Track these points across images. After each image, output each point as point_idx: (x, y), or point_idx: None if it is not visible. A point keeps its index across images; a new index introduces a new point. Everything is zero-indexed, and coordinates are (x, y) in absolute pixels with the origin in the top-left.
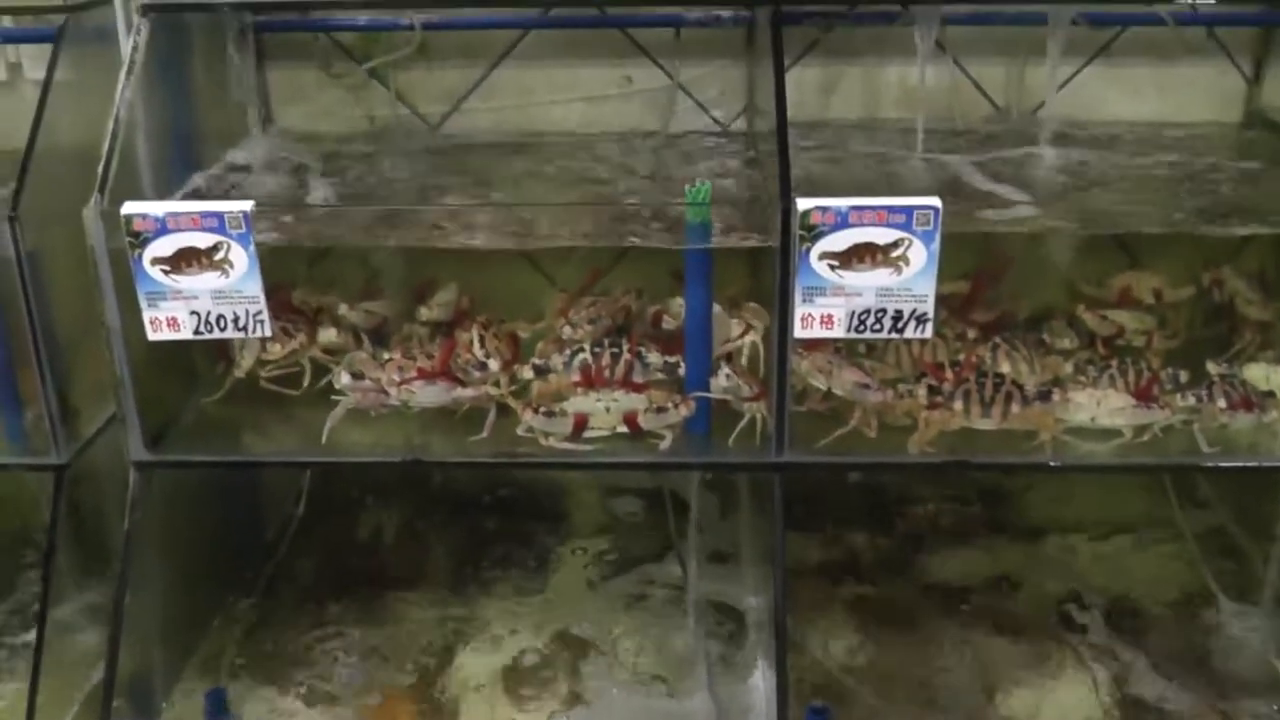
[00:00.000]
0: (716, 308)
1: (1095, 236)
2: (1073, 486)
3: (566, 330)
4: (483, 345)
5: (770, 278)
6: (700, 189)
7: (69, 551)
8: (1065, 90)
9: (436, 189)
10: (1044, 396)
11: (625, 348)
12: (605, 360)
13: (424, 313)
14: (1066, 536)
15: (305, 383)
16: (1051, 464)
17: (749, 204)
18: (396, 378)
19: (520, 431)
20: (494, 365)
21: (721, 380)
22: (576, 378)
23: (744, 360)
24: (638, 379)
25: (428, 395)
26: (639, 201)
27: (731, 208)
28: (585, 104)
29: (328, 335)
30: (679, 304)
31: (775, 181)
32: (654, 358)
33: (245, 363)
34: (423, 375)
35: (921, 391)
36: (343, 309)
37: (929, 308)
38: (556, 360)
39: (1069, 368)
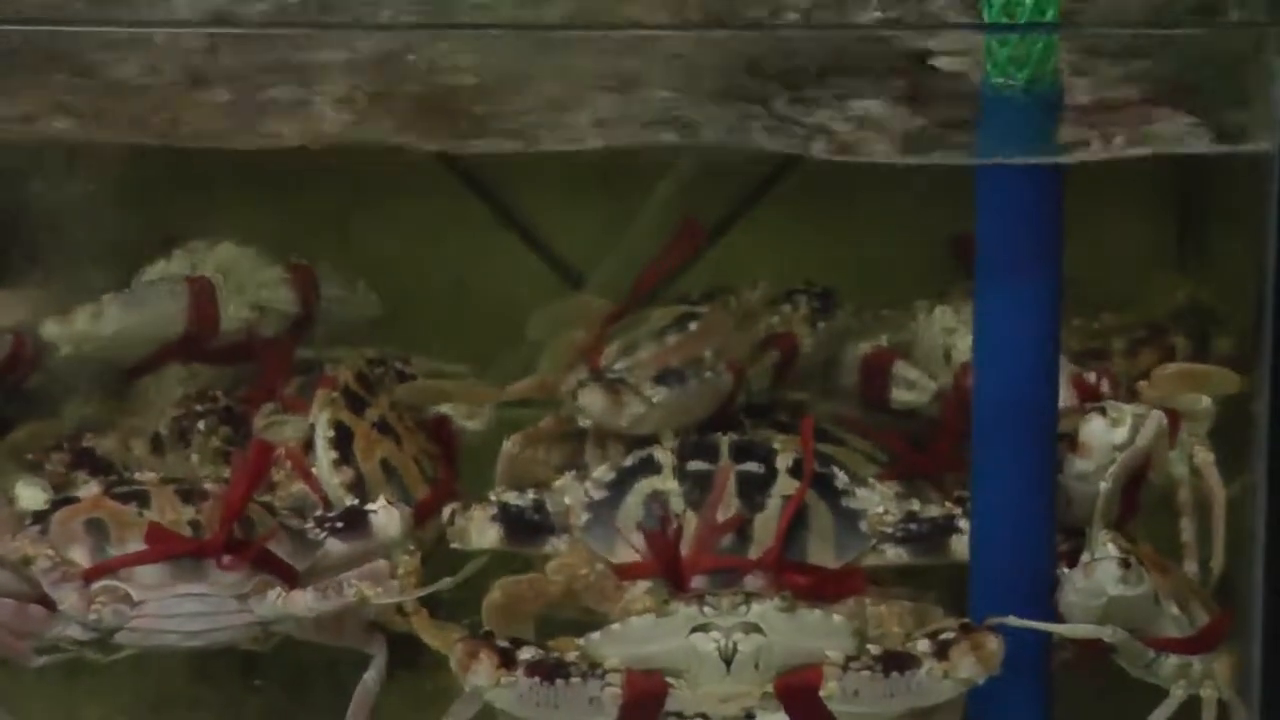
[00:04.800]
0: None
1: None
2: None
3: (594, 399)
4: (345, 457)
5: (1241, 258)
6: None
7: None
8: None
9: None
10: None
11: (779, 460)
12: (723, 500)
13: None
14: None
15: None
16: None
17: (1190, 29)
18: (82, 559)
19: None
20: (385, 518)
21: (1099, 576)
22: (630, 551)
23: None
24: (817, 555)
25: (179, 614)
26: (822, 24)
27: (1128, 37)
28: None
29: None
30: (948, 330)
31: None
32: (872, 497)
33: None
34: (160, 549)
35: None
36: None
37: None
38: (571, 499)
39: None
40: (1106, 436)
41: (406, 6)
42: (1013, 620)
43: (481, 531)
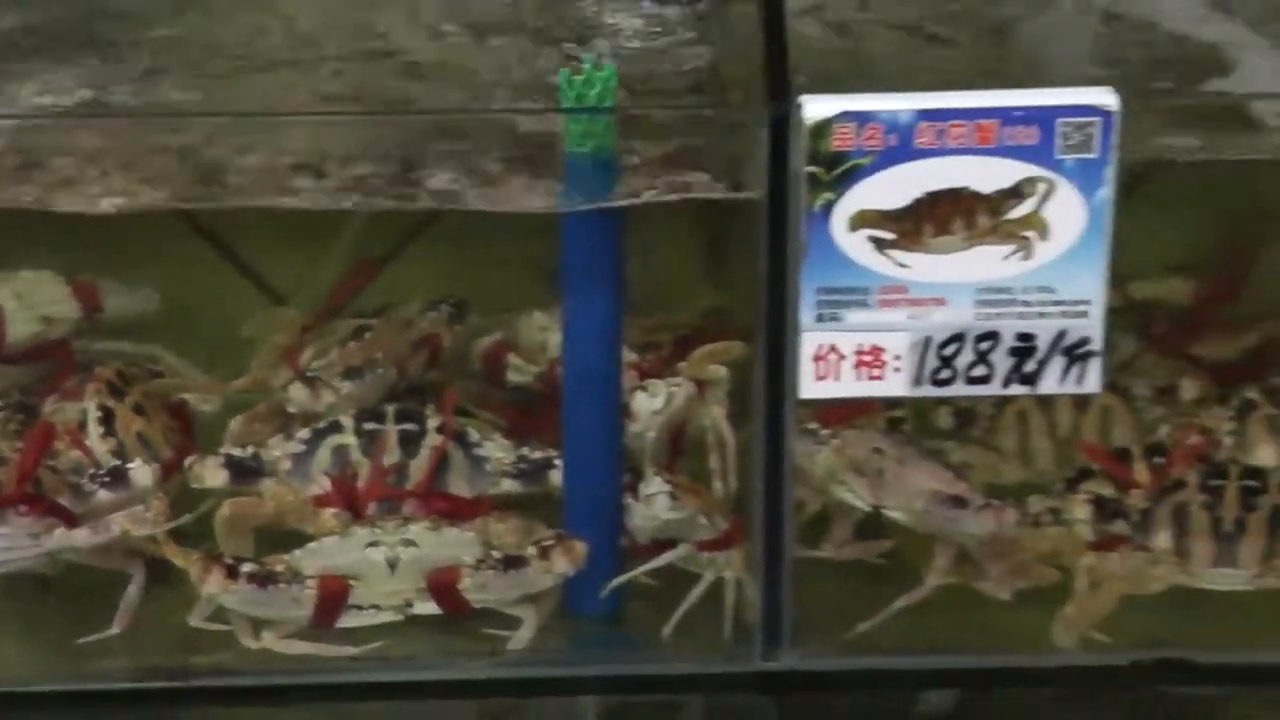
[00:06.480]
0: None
1: None
2: None
3: (299, 392)
4: (109, 431)
5: (747, 272)
6: (594, 78)
7: None
8: None
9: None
10: None
11: (429, 422)
12: (387, 450)
13: None
14: None
15: None
16: None
17: (702, 109)
18: None
19: (198, 619)
20: (140, 473)
21: (656, 508)
22: (320, 489)
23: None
24: (456, 489)
25: None
26: (458, 107)
27: (664, 117)
28: None
29: None
30: (542, 328)
31: (756, 61)
32: (493, 445)
33: None
34: None
35: (1080, 513)
36: None
37: (1095, 329)
38: (278, 452)
39: None
40: (647, 405)
41: None
42: (621, 578)
43: (213, 474)
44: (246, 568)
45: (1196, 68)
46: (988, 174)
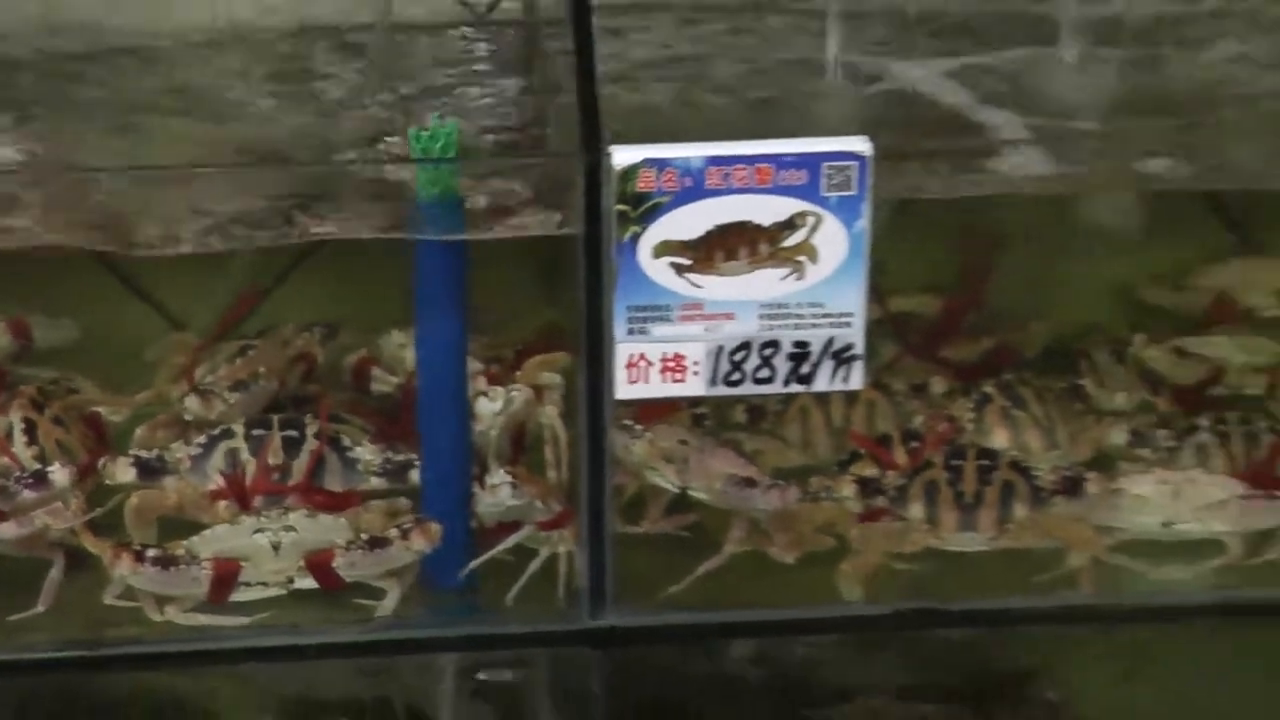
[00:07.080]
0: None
1: (1170, 203)
2: (1136, 650)
3: (194, 403)
4: (32, 440)
5: (572, 294)
6: (438, 133)
7: None
8: None
9: None
10: (1072, 488)
11: (308, 429)
12: (271, 452)
13: None
14: None
15: None
16: (1093, 609)
17: (528, 158)
18: None
19: (111, 598)
20: (59, 475)
21: (500, 496)
22: (215, 485)
23: (521, 447)
24: (330, 485)
25: None
26: (324, 160)
27: (497, 165)
28: None
29: None
30: (401, 345)
31: (574, 119)
32: (363, 449)
33: None
34: None
35: (849, 490)
36: None
37: (857, 336)
38: (179, 454)
39: (1121, 436)
40: (489, 408)
41: None
42: (478, 560)
43: (124, 473)
44: (152, 552)
45: (944, 133)
46: (766, 209)
